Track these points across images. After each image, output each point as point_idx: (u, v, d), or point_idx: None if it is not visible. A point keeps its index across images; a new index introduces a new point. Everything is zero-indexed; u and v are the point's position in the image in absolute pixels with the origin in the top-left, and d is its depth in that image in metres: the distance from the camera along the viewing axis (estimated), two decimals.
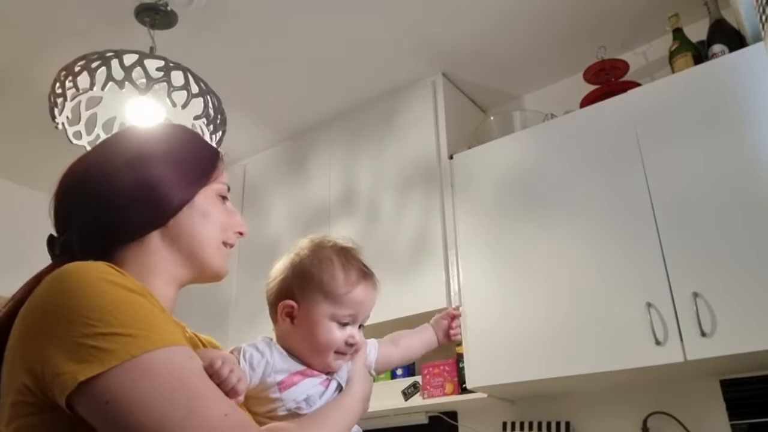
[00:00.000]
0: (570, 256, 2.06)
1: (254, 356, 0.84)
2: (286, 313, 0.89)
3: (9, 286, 3.49)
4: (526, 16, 2.34)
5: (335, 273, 0.88)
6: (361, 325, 0.91)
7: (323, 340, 0.86)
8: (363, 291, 0.89)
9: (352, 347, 0.88)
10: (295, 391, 0.83)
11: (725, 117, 1.89)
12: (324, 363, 0.87)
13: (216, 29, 2.36)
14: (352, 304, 0.87)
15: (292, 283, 0.89)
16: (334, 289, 0.87)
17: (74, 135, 2.03)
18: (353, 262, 0.91)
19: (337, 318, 0.87)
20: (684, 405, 2.04)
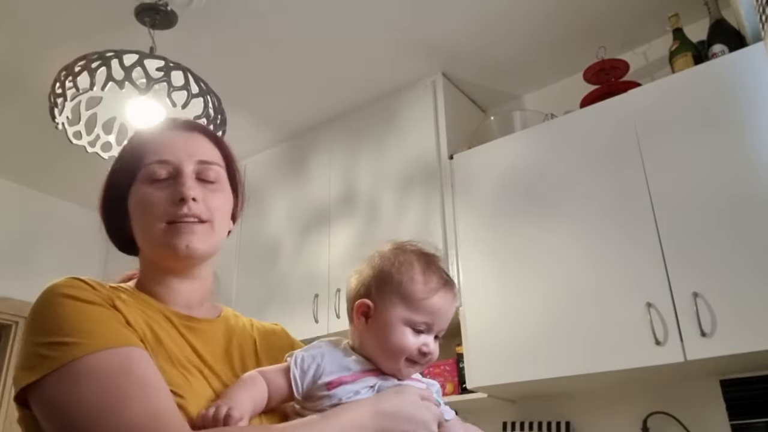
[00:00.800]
0: (570, 256, 2.06)
1: (305, 360, 0.83)
2: (362, 312, 0.87)
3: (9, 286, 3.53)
4: (526, 16, 2.35)
5: (415, 277, 0.85)
6: (437, 336, 0.87)
7: (396, 344, 0.83)
8: (441, 299, 0.86)
9: (425, 356, 0.84)
10: (343, 389, 0.81)
11: (725, 117, 1.89)
12: (394, 368, 0.85)
13: (216, 29, 2.36)
14: (428, 311, 0.84)
15: (371, 283, 0.88)
16: (412, 294, 0.84)
17: (74, 135, 2.03)
18: (434, 269, 0.88)
19: (411, 323, 0.84)
20: (684, 405, 2.04)
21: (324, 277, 2.63)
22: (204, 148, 0.93)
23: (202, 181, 0.89)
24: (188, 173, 0.88)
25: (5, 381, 3.18)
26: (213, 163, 0.92)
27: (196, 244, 0.86)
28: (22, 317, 3.30)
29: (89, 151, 2.08)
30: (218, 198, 0.90)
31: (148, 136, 0.94)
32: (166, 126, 0.95)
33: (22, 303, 3.31)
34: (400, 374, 0.85)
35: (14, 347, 3.25)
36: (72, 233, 3.65)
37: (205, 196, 0.88)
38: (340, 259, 2.61)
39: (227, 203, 0.93)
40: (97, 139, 2.07)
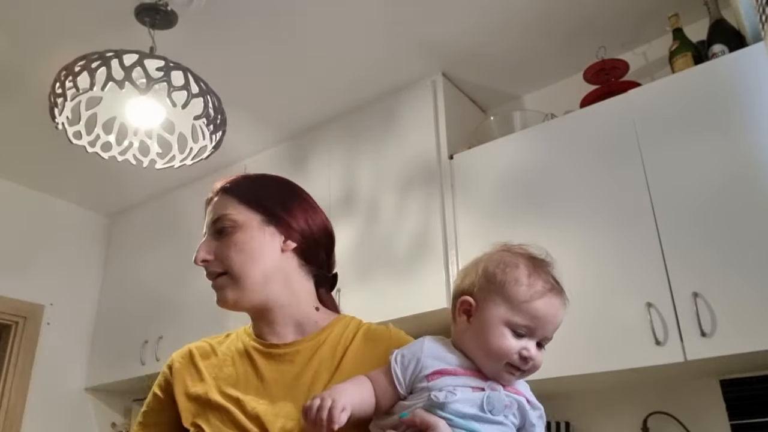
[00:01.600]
0: (570, 255, 2.05)
1: (405, 356, 0.84)
2: (464, 310, 0.87)
3: (9, 286, 3.52)
4: (526, 16, 2.34)
5: (519, 278, 0.85)
6: (540, 344, 0.86)
7: (495, 346, 0.82)
8: (545, 304, 0.84)
9: (526, 362, 0.83)
10: (443, 381, 0.81)
11: (725, 117, 1.89)
12: (494, 370, 0.83)
13: (216, 29, 2.36)
14: (530, 315, 0.83)
15: (475, 282, 0.87)
16: (515, 295, 0.83)
17: (74, 135, 2.03)
18: (541, 272, 0.87)
19: (512, 325, 0.83)
20: (684, 405, 2.04)
21: None
22: (216, 207, 1.02)
23: (217, 236, 1.00)
24: (204, 238, 1.01)
25: (5, 381, 3.18)
26: (219, 217, 1.00)
27: (226, 297, 0.97)
28: (22, 317, 3.30)
29: (89, 151, 2.08)
30: (227, 244, 0.98)
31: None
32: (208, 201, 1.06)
33: (22, 303, 3.31)
34: (501, 378, 0.83)
35: (14, 347, 3.25)
36: (72, 233, 3.65)
37: (216, 249, 0.98)
38: (340, 258, 2.59)
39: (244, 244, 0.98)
40: (97, 139, 2.07)
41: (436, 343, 0.86)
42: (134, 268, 3.51)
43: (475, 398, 0.80)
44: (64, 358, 3.38)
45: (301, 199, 1.06)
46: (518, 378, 0.85)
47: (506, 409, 0.81)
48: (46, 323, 3.38)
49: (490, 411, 0.79)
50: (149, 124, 2.09)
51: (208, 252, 0.98)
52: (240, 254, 0.97)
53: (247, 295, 0.97)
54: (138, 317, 3.28)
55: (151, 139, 2.14)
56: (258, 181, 1.07)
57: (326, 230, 1.08)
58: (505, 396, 0.82)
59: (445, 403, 0.78)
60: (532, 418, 0.84)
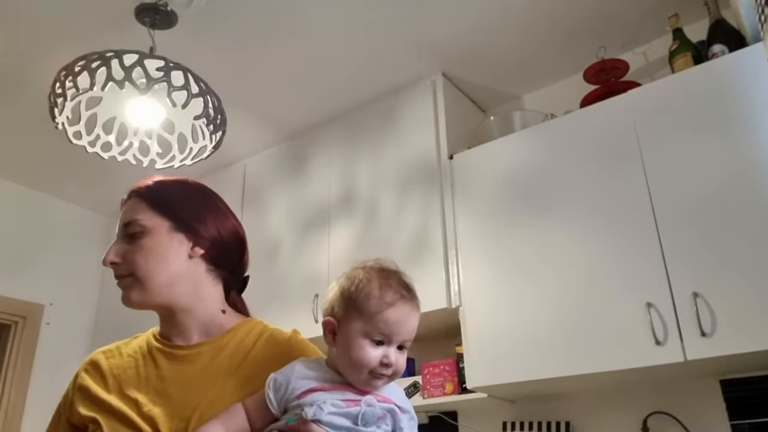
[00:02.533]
0: (570, 255, 2.06)
1: (278, 380, 0.89)
2: (329, 330, 0.92)
3: (9, 286, 3.52)
4: (526, 16, 2.34)
5: (372, 292, 0.90)
6: (402, 347, 0.90)
7: (356, 357, 0.87)
8: (396, 311, 0.89)
9: (387, 367, 0.88)
10: (312, 397, 0.86)
11: (725, 117, 1.89)
12: (360, 380, 0.88)
13: (216, 29, 2.36)
14: (384, 323, 0.88)
15: (335, 302, 0.93)
16: (368, 308, 0.89)
17: (74, 135, 2.03)
18: (392, 283, 0.92)
19: (369, 336, 0.88)
20: (684, 405, 2.04)
21: (324, 277, 2.63)
22: (128, 210, 1.05)
23: (127, 240, 1.02)
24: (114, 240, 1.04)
25: (5, 381, 3.18)
26: (130, 222, 1.03)
27: (132, 297, 1.00)
28: (22, 317, 3.30)
29: (89, 151, 2.08)
30: (135, 249, 1.01)
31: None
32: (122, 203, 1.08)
33: (22, 303, 3.31)
34: (368, 386, 0.89)
35: (14, 347, 3.25)
36: (72, 233, 3.65)
37: (125, 252, 1.01)
38: (340, 259, 2.61)
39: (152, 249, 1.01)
40: (97, 139, 2.07)
41: (308, 364, 0.92)
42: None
43: (349, 411, 0.85)
44: (63, 358, 3.38)
45: (212, 206, 1.10)
46: (386, 383, 0.90)
47: (379, 421, 0.87)
48: (45, 323, 3.39)
49: (363, 424, 0.85)
50: (149, 124, 2.09)
51: (117, 254, 1.01)
52: (146, 258, 1.00)
53: (151, 296, 1.00)
54: (138, 317, 3.27)
55: (151, 139, 2.14)
56: (171, 187, 1.09)
57: (237, 235, 1.11)
58: (379, 409, 0.87)
59: (317, 418, 0.83)
60: (401, 421, 0.89)
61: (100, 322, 3.59)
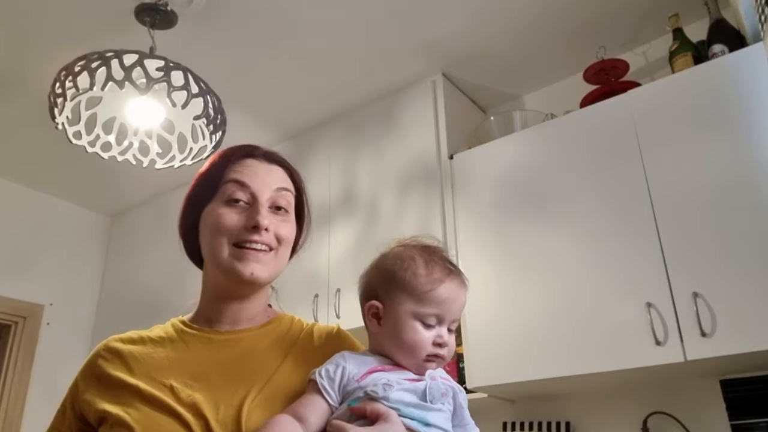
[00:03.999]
0: (570, 255, 2.06)
1: (329, 369, 0.83)
2: (372, 314, 0.88)
3: (9, 286, 3.52)
4: (526, 16, 2.34)
5: (417, 270, 0.86)
6: (450, 329, 0.87)
7: (409, 340, 0.83)
8: (447, 288, 0.85)
9: (441, 348, 0.84)
10: (374, 377, 0.81)
11: (725, 117, 1.89)
12: (415, 364, 0.84)
13: (216, 29, 2.36)
14: (436, 303, 0.84)
15: (376, 284, 0.89)
16: (417, 287, 0.85)
17: (74, 135, 2.03)
18: (437, 259, 0.88)
19: (421, 317, 0.84)
20: (684, 405, 2.04)
21: (324, 277, 2.63)
22: (280, 178, 0.98)
23: (275, 210, 0.95)
24: (263, 202, 0.93)
25: (5, 381, 3.18)
26: (287, 190, 0.98)
27: (260, 272, 0.92)
28: (22, 317, 3.30)
29: (89, 151, 2.08)
30: (287, 227, 0.96)
31: (230, 157, 0.98)
32: (249, 153, 1.00)
33: (22, 303, 3.31)
34: (423, 369, 0.85)
35: (14, 347, 3.25)
36: (72, 233, 3.65)
37: (276, 225, 0.94)
38: (340, 259, 2.61)
39: (293, 233, 0.99)
40: (97, 139, 2.07)
41: (355, 354, 0.87)
42: (134, 268, 3.51)
43: (416, 388, 0.81)
44: (63, 358, 3.37)
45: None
46: (439, 365, 0.86)
47: (443, 397, 0.83)
48: (45, 323, 3.39)
49: (431, 400, 0.81)
50: (149, 124, 2.09)
51: (270, 224, 0.92)
52: (289, 238, 0.96)
53: (271, 280, 0.97)
54: (137, 317, 3.28)
55: (151, 139, 2.14)
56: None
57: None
58: (441, 384, 0.84)
59: (386, 396, 0.78)
60: (462, 400, 0.87)
61: (100, 322, 3.59)
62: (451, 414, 0.84)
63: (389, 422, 0.76)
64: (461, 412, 0.85)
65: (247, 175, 0.95)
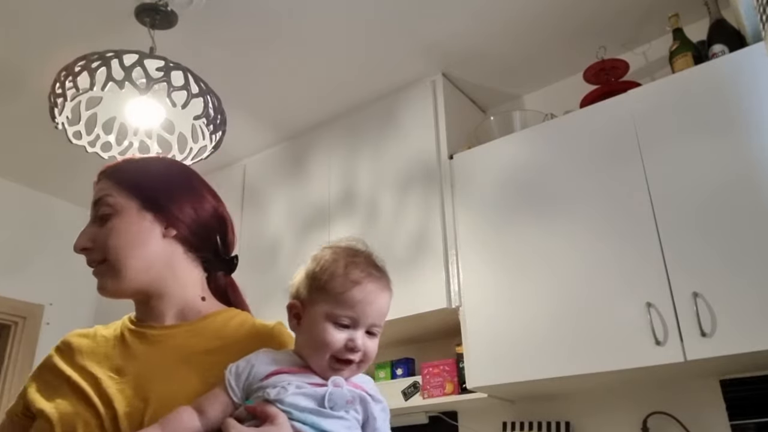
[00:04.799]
0: (570, 255, 2.06)
1: (240, 365, 0.84)
2: (293, 313, 0.88)
3: (9, 286, 3.51)
4: (526, 16, 2.35)
5: (336, 272, 0.85)
6: (371, 332, 0.85)
7: (320, 341, 0.82)
8: (362, 291, 0.83)
9: (353, 352, 0.82)
10: (275, 379, 0.81)
11: (725, 117, 1.89)
12: (321, 366, 0.83)
13: (216, 29, 2.36)
14: (349, 304, 0.82)
15: (299, 284, 0.89)
16: (333, 288, 0.84)
17: (74, 135, 2.03)
18: (359, 261, 0.87)
19: (333, 318, 0.82)
20: (684, 405, 2.04)
21: None
22: (97, 190, 1.00)
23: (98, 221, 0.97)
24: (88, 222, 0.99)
25: (5, 381, 3.18)
26: (99, 201, 0.98)
27: (104, 284, 0.96)
28: (21, 317, 3.30)
29: (89, 151, 2.08)
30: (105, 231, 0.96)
31: None
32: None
33: (22, 303, 3.31)
34: (328, 372, 0.83)
35: (14, 347, 3.25)
36: (72, 233, 3.60)
37: (95, 236, 0.96)
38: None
39: (123, 231, 0.96)
40: (97, 139, 2.07)
41: (273, 352, 0.87)
42: None
43: (315, 393, 0.80)
44: None
45: (187, 185, 1.03)
46: (352, 372, 0.84)
47: (348, 405, 0.81)
48: (45, 323, 3.38)
49: (331, 407, 0.79)
50: (149, 124, 2.09)
51: (89, 239, 0.96)
52: (118, 241, 0.95)
53: (127, 283, 0.95)
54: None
55: (151, 139, 2.14)
56: (141, 166, 1.04)
57: (217, 215, 1.04)
58: (347, 392, 0.82)
59: (279, 399, 0.78)
60: (374, 411, 0.84)
61: (99, 322, 3.53)
62: (360, 422, 0.83)
63: (275, 425, 0.76)
64: (372, 422, 0.84)
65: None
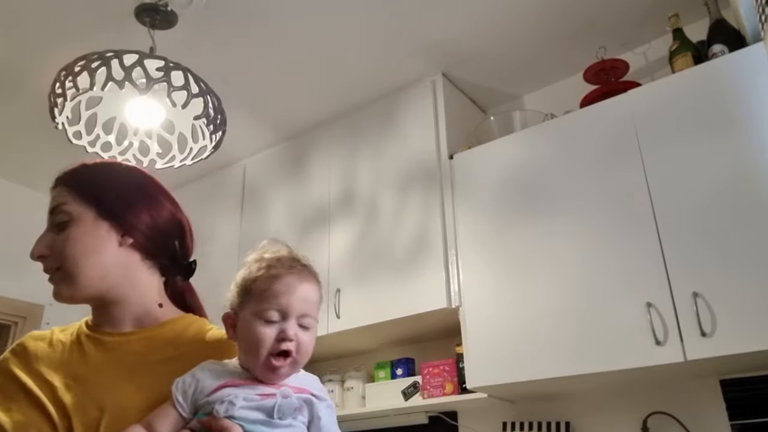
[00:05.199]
0: (570, 255, 2.06)
1: (186, 380, 0.84)
2: (229, 324, 0.89)
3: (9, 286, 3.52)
4: (526, 16, 2.35)
5: (260, 273, 0.87)
6: (303, 326, 0.85)
7: (253, 340, 0.83)
8: (283, 283, 0.85)
9: (285, 342, 0.83)
10: (221, 393, 0.82)
11: (725, 117, 1.89)
12: (261, 367, 0.83)
13: (216, 29, 2.36)
14: (273, 297, 0.84)
15: (232, 295, 0.90)
16: (257, 287, 0.85)
17: (74, 135, 2.03)
18: (284, 261, 0.89)
19: (261, 314, 0.84)
20: (684, 405, 2.04)
21: (324, 277, 2.59)
22: (53, 197, 0.99)
23: (55, 229, 0.96)
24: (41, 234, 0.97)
25: None
26: (55, 209, 0.97)
27: (60, 291, 0.94)
28: (22, 317, 3.30)
29: (89, 151, 2.08)
30: (61, 239, 0.95)
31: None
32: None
33: (22, 303, 3.31)
34: (271, 374, 0.84)
35: None
36: None
37: (52, 243, 0.94)
38: (339, 258, 2.61)
39: (77, 239, 0.95)
40: (97, 139, 2.07)
41: (217, 364, 0.87)
42: None
43: (264, 405, 0.81)
44: None
45: (143, 192, 1.02)
46: (291, 368, 0.85)
47: (296, 412, 0.83)
48: (45, 323, 3.38)
49: (279, 417, 0.81)
50: (149, 124, 2.09)
51: (46, 246, 0.95)
52: (74, 249, 0.94)
53: (81, 290, 0.95)
54: None
55: (151, 139, 2.14)
56: (97, 172, 1.04)
57: (174, 221, 1.03)
58: (295, 400, 0.83)
59: (229, 415, 0.79)
60: (319, 410, 0.85)
61: None
62: (306, 425, 0.84)
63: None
64: (317, 422, 0.85)
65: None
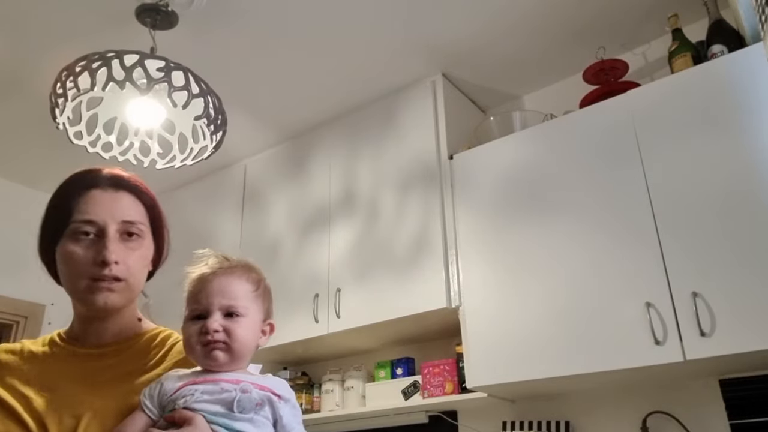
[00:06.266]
0: (570, 255, 2.06)
1: (152, 387, 0.90)
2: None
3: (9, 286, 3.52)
4: (526, 16, 2.35)
5: (187, 279, 0.94)
6: (232, 314, 0.91)
7: (185, 339, 0.91)
8: (201, 281, 0.92)
9: (207, 335, 0.88)
10: (183, 391, 0.87)
11: (724, 117, 1.89)
12: (199, 359, 0.90)
13: (216, 29, 2.36)
14: (193, 296, 0.91)
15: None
16: (186, 292, 0.93)
17: (75, 135, 2.03)
18: (207, 262, 0.95)
19: (188, 315, 0.91)
20: (684, 405, 2.04)
21: (324, 277, 2.63)
22: (127, 206, 1.00)
23: (126, 237, 0.98)
24: (111, 235, 0.96)
25: None
26: (135, 222, 0.99)
27: (114, 301, 0.96)
28: (22, 317, 3.30)
29: (90, 151, 2.09)
30: (136, 256, 0.98)
31: (74, 189, 1.01)
32: (93, 183, 1.01)
33: (23, 303, 3.31)
34: (208, 362, 0.89)
35: None
36: None
37: (125, 256, 0.96)
38: (340, 259, 2.62)
39: (145, 258, 1.01)
40: (98, 140, 2.07)
41: (181, 371, 0.92)
42: None
43: (223, 399, 0.86)
44: None
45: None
46: (228, 357, 0.89)
47: (257, 407, 0.86)
48: (47, 323, 3.39)
49: (240, 411, 0.85)
50: (150, 124, 2.09)
51: (119, 257, 0.95)
52: (140, 267, 0.99)
53: (126, 306, 1.00)
54: None
55: (151, 140, 2.14)
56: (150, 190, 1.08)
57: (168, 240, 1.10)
58: (256, 395, 0.87)
59: (188, 406, 0.85)
60: (280, 409, 0.89)
61: None
62: (271, 422, 0.88)
63: (193, 425, 0.83)
64: (280, 421, 0.88)
65: (93, 211, 0.97)
